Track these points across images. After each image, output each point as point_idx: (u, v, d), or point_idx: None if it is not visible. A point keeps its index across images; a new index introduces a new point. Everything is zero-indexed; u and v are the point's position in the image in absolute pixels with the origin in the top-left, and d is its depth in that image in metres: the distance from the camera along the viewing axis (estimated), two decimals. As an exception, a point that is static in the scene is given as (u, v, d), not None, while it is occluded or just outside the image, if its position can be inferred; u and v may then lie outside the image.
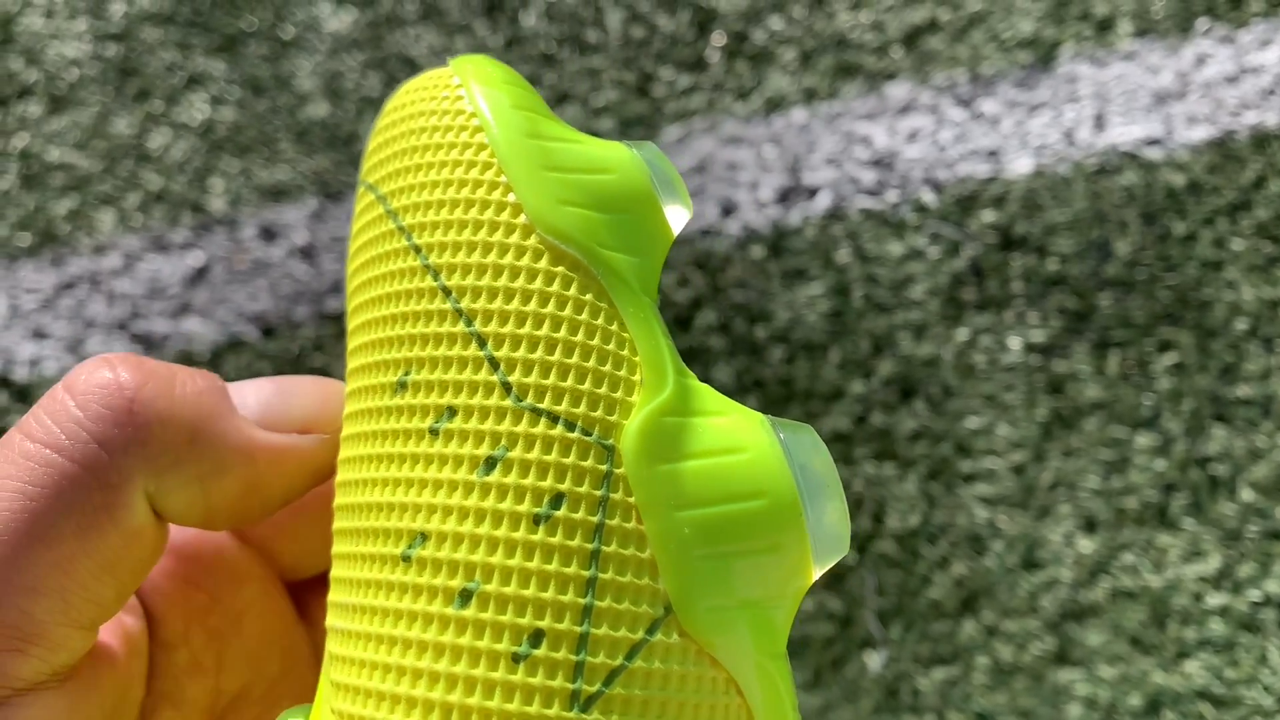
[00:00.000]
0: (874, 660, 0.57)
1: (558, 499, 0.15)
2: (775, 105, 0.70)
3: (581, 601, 0.15)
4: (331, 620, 0.17)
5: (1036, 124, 0.69)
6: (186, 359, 0.65)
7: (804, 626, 0.57)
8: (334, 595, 0.17)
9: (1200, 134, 0.69)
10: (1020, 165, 0.68)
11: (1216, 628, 0.57)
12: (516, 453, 0.15)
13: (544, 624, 0.14)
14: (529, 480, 0.15)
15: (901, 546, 0.59)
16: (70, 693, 0.17)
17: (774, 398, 0.62)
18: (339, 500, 0.17)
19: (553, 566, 0.15)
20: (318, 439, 0.19)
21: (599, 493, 0.15)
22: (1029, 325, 0.64)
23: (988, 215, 0.66)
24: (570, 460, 0.15)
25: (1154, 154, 0.68)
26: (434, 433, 0.16)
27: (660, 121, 0.70)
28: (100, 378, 0.17)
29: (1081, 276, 0.65)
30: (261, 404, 0.18)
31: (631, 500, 0.15)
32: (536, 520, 0.15)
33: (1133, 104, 0.70)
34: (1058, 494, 0.60)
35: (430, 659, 0.15)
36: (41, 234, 0.68)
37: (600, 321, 0.16)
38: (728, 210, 0.67)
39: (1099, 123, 0.69)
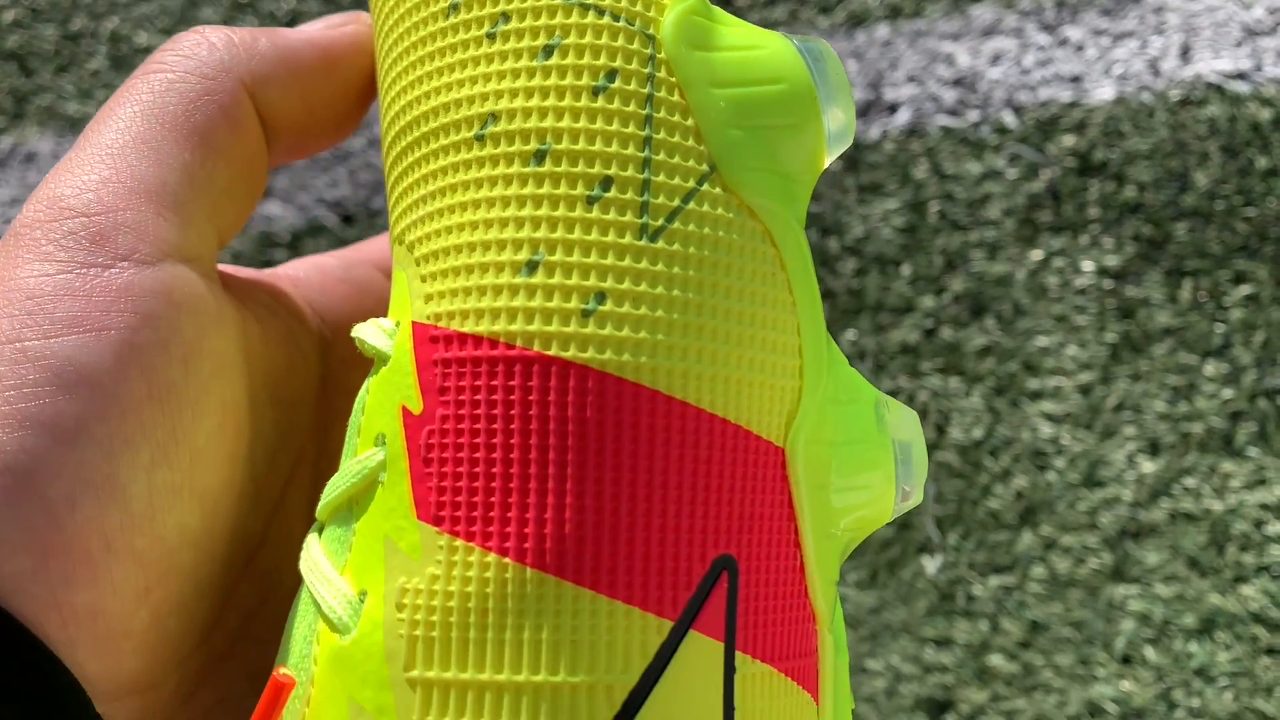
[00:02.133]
0: (931, 565, 0.58)
1: (612, 74, 0.17)
2: (859, 20, 0.70)
3: (641, 155, 0.17)
4: (402, 228, 0.18)
5: (1121, 52, 0.69)
6: (267, 240, 0.66)
7: (863, 529, 0.58)
8: (401, 205, 0.18)
9: (1289, 70, 0.68)
10: (1103, 92, 0.67)
11: (1276, 554, 0.57)
12: (571, 39, 0.17)
13: (611, 172, 0.17)
14: (585, 60, 0.17)
15: (964, 458, 0.59)
16: (212, 291, 0.19)
17: (844, 307, 0.63)
18: (394, 127, 0.19)
19: (614, 127, 0.17)
20: (366, 23, 0.22)
21: (646, 70, 0.17)
22: (1103, 250, 0.63)
23: (1067, 140, 0.66)
24: (619, 44, 0.17)
25: (1240, 87, 0.67)
26: (491, 36, 0.18)
27: (742, 32, 0.70)
28: (177, 36, 0.21)
29: (1158, 205, 0.65)
30: (302, 26, 0.22)
31: (674, 79, 0.17)
32: (595, 91, 0.17)
33: (1221, 37, 0.69)
34: (1123, 415, 0.60)
35: (514, 208, 0.17)
36: (129, 114, 0.69)
37: None
38: (805, 123, 0.67)
39: (1185, 54, 0.68)
